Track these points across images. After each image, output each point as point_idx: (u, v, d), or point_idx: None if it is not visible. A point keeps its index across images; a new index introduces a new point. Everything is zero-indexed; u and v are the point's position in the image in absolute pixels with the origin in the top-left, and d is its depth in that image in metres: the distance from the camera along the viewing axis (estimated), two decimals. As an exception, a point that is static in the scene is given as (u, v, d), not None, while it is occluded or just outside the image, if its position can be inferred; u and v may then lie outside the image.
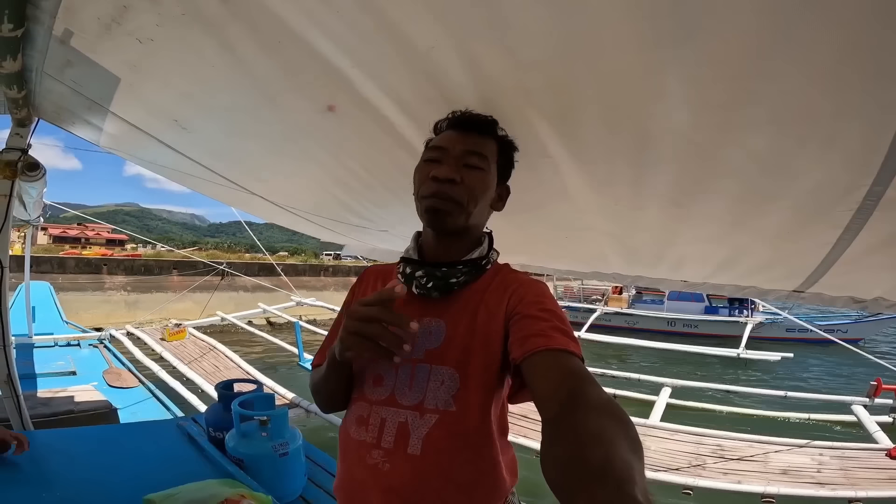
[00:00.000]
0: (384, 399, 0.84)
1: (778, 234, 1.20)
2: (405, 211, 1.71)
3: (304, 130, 1.35)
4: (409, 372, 0.84)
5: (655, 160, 0.99)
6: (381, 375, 0.86)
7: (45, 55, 1.34)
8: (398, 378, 0.85)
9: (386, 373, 0.86)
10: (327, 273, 23.47)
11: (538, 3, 0.68)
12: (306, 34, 0.88)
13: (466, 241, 0.90)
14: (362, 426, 0.85)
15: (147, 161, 2.34)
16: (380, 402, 0.85)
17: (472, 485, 0.80)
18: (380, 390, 0.86)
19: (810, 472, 3.76)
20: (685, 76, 0.74)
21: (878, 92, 0.66)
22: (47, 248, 27.81)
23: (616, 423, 0.55)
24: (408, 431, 0.81)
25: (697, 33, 0.65)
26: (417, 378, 0.83)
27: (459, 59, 0.85)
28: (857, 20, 0.57)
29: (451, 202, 0.83)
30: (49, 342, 5.48)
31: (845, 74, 0.65)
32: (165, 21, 0.98)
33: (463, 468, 0.80)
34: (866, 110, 0.70)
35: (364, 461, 0.82)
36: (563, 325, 0.76)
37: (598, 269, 1.92)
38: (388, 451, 0.81)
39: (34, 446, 1.69)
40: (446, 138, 0.88)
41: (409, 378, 0.83)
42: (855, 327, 15.59)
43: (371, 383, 0.87)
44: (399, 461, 0.80)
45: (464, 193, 0.83)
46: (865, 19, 0.56)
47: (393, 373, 0.85)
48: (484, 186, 0.86)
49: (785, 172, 0.92)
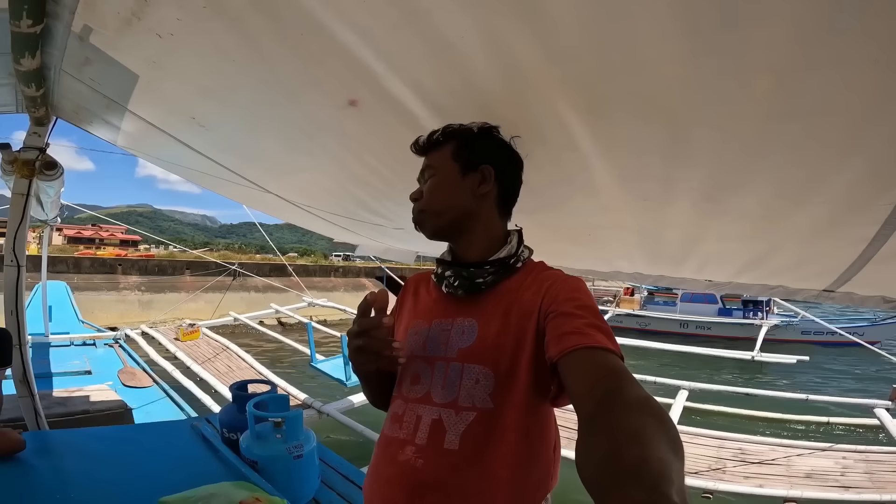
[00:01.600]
0: (420, 397, 0.86)
1: (813, 231, 1.16)
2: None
3: (324, 126, 1.33)
4: (443, 370, 0.85)
5: (690, 154, 0.96)
6: (418, 374, 0.89)
7: (64, 52, 1.34)
8: (434, 377, 0.86)
9: (422, 372, 0.88)
10: (337, 274, 23.60)
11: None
12: (330, 26, 0.86)
13: (479, 237, 0.92)
14: (397, 423, 0.87)
15: (164, 160, 2.35)
16: (416, 400, 0.87)
17: (510, 481, 0.79)
18: (417, 388, 0.88)
19: (834, 475, 3.69)
20: (724, 66, 0.71)
21: None
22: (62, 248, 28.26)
23: (654, 421, 0.53)
24: (443, 428, 0.82)
25: (738, 20, 0.62)
26: (450, 377, 0.84)
27: (489, 48, 0.82)
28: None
29: (420, 213, 0.95)
30: (65, 341, 5.53)
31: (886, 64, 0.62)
32: (186, 15, 0.96)
33: (501, 464, 0.79)
34: None
35: (395, 458, 0.83)
36: (599, 321, 0.75)
37: (620, 268, 1.88)
38: (421, 447, 0.82)
39: (50, 446, 1.69)
40: None
41: (443, 377, 0.85)
42: (872, 330, 15.29)
43: (409, 382, 0.90)
44: (434, 456, 0.80)
45: (424, 202, 0.94)
46: None
47: (429, 371, 0.87)
48: (436, 187, 0.94)
49: (824, 165, 0.89)
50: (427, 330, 0.90)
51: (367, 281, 23.59)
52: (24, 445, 1.58)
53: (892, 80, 0.65)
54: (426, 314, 0.93)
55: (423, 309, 0.96)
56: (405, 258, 2.87)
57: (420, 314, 0.95)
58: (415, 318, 0.95)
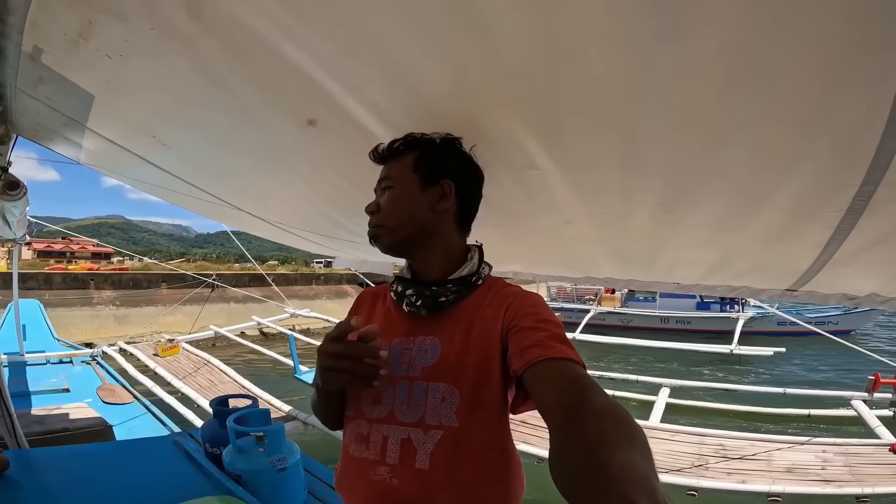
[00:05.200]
0: (384, 417, 0.85)
1: (769, 237, 1.18)
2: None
3: (287, 145, 1.32)
4: (406, 390, 0.84)
5: (644, 166, 0.97)
6: (379, 394, 0.87)
7: (17, 71, 1.31)
8: (396, 396, 0.85)
9: (384, 391, 0.87)
10: (319, 281, 23.37)
11: (517, 7, 0.66)
12: (281, 47, 0.85)
13: (439, 253, 0.91)
14: (363, 444, 0.86)
15: (130, 178, 2.29)
16: (380, 420, 0.86)
17: (481, 497, 0.80)
18: (379, 408, 0.86)
19: (815, 469, 3.76)
20: (671, 78, 0.72)
21: (865, 90, 0.65)
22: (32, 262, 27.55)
23: (622, 426, 0.55)
24: (413, 447, 0.81)
25: (681, 33, 0.63)
26: (415, 395, 0.84)
27: (438, 68, 0.82)
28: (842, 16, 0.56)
29: (376, 228, 0.92)
30: (41, 360, 5.43)
31: (832, 73, 0.64)
32: (134, 37, 0.94)
33: (471, 481, 0.80)
34: (854, 107, 0.69)
35: (369, 478, 0.83)
36: (560, 334, 0.76)
37: (591, 273, 1.90)
38: (394, 466, 0.81)
39: (31, 465, 1.66)
40: None
41: (407, 396, 0.84)
42: (845, 318, 15.75)
43: (370, 401, 0.88)
44: (408, 476, 0.80)
45: (381, 216, 0.92)
46: (850, 16, 0.55)
47: (391, 391, 0.86)
48: (394, 201, 0.91)
49: (774, 174, 0.91)
50: (386, 348, 0.88)
51: (350, 287, 23.42)
52: (7, 465, 1.54)
53: (831, 86, 0.66)
54: (384, 333, 0.90)
55: (381, 327, 0.91)
56: (381, 269, 2.86)
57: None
58: None
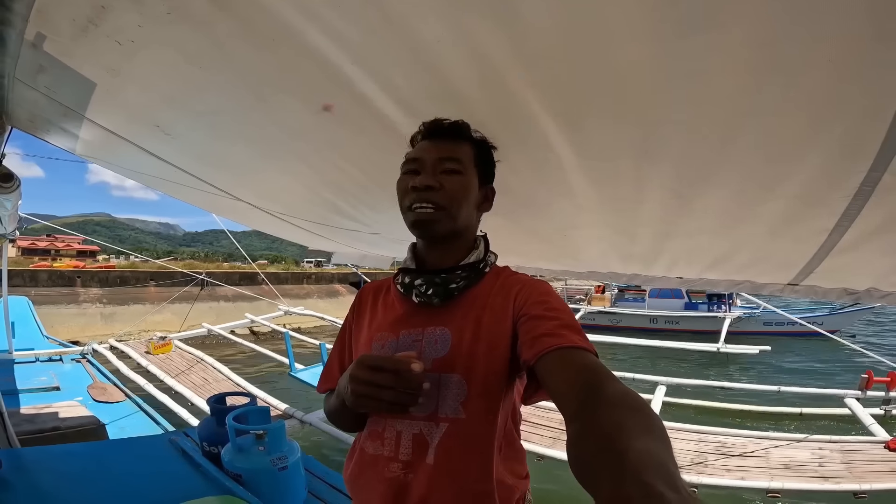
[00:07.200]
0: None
1: (776, 223, 1.20)
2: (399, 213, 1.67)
3: (297, 132, 1.31)
4: None
5: (660, 153, 0.99)
6: None
7: (17, 60, 1.28)
8: None
9: None
10: (310, 281, 23.22)
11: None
12: (303, 31, 0.84)
13: (460, 246, 0.90)
14: (377, 440, 0.85)
15: (127, 169, 2.26)
16: (393, 415, 0.84)
17: (485, 492, 0.78)
18: None
19: (813, 466, 3.79)
20: (695, 68, 0.73)
21: (877, 80, 0.67)
22: (17, 260, 27.00)
23: (638, 415, 0.54)
24: (425, 441, 0.80)
25: (708, 23, 0.64)
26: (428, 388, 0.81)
27: (465, 51, 0.82)
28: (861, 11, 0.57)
29: (435, 208, 0.83)
30: (30, 357, 5.33)
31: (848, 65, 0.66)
32: (148, 21, 0.92)
33: (476, 475, 0.78)
34: (866, 97, 0.71)
35: (383, 475, 0.82)
36: (571, 322, 0.76)
37: (595, 268, 1.91)
38: (407, 462, 0.81)
39: (24, 464, 1.62)
40: (421, 148, 0.89)
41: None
42: (830, 319, 16.00)
43: None
44: (420, 471, 0.80)
45: (445, 198, 0.84)
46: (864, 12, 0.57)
47: None
48: (464, 189, 0.86)
49: (786, 161, 0.93)
50: (394, 342, 0.87)
51: (342, 287, 23.32)
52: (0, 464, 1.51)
53: (846, 77, 0.68)
54: (391, 325, 0.89)
55: (387, 319, 0.91)
56: (381, 264, 2.85)
57: (384, 325, 0.90)
58: (378, 329, 0.91)
